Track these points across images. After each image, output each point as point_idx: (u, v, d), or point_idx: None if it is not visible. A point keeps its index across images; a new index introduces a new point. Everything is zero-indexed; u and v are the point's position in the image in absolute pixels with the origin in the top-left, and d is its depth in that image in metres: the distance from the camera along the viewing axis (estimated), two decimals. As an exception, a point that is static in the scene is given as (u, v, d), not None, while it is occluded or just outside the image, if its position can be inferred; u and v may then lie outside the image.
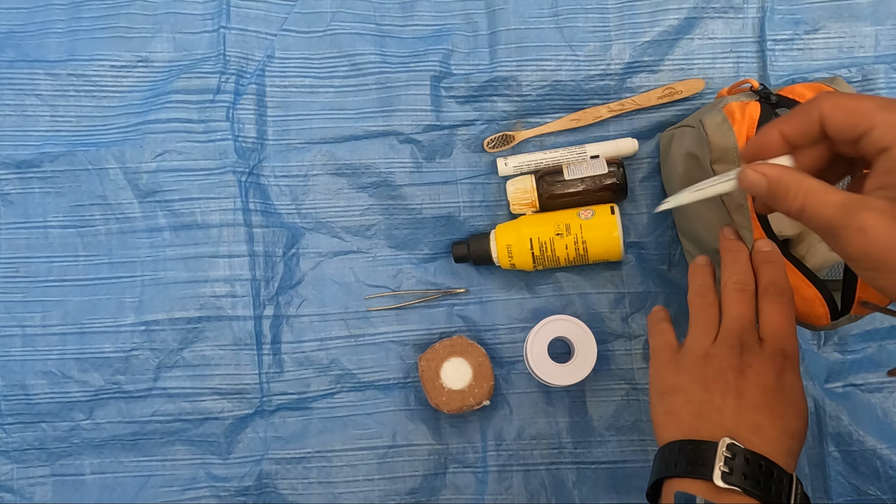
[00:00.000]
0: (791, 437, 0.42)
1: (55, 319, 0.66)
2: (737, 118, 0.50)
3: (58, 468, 0.65)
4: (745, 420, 0.42)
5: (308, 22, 0.68)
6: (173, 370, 0.65)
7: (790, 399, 0.43)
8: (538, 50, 0.67)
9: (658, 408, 0.46)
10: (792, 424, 0.43)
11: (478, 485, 0.64)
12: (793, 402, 0.43)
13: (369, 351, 0.66)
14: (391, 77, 0.67)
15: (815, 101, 0.38)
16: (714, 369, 0.44)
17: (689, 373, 0.45)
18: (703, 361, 0.45)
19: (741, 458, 0.40)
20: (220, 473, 0.65)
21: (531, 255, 0.63)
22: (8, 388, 0.65)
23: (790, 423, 0.43)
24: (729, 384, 0.43)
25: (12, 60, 0.68)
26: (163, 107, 0.67)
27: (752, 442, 0.41)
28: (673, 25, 0.67)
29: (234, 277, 0.66)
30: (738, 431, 0.42)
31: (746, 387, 0.43)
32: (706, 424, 0.43)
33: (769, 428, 0.42)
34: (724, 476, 0.40)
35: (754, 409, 0.42)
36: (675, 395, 0.45)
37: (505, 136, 0.67)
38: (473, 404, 0.62)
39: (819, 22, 0.67)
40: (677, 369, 0.46)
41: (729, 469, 0.40)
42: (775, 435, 0.42)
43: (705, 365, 0.45)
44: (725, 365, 0.44)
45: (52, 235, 0.67)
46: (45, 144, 0.67)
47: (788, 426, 0.42)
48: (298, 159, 0.67)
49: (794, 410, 0.43)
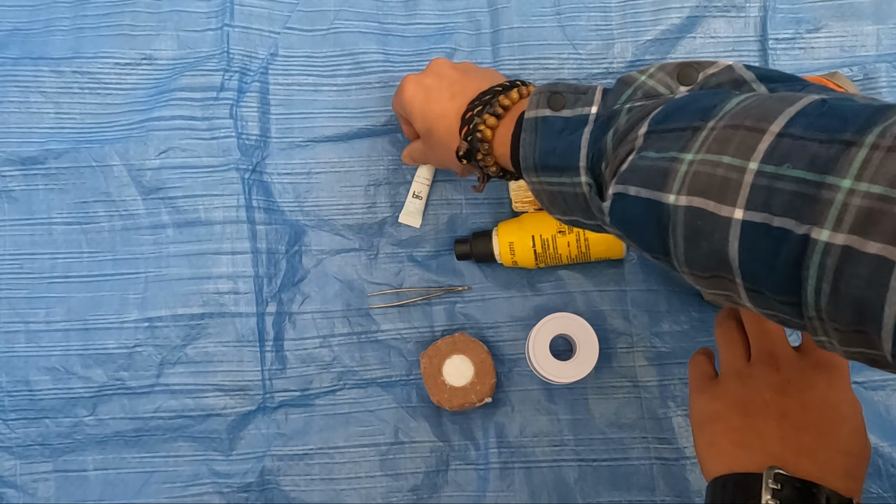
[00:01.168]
0: (846, 455, 0.39)
1: (59, 316, 0.66)
2: None
3: (61, 464, 0.65)
4: (789, 443, 0.39)
5: (311, 20, 0.69)
6: (176, 367, 0.66)
7: (840, 413, 0.40)
8: (540, 48, 0.67)
9: (699, 440, 0.43)
10: (845, 441, 0.39)
11: (480, 482, 0.64)
12: (843, 417, 0.40)
13: (371, 348, 0.66)
14: (394, 76, 0.68)
15: None
16: (750, 391, 0.41)
17: (724, 398, 0.42)
18: (739, 384, 0.42)
19: (790, 488, 0.37)
20: (223, 470, 0.65)
21: (533, 252, 0.63)
22: (11, 384, 0.65)
23: (842, 439, 0.39)
24: (768, 405, 0.40)
25: (17, 58, 0.68)
26: (167, 104, 0.67)
27: (801, 466, 0.38)
28: (675, 24, 0.67)
29: (237, 274, 0.66)
30: (784, 456, 0.38)
31: (788, 405, 0.40)
32: (749, 453, 0.39)
33: (818, 448, 0.39)
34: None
35: (799, 428, 0.39)
36: (714, 424, 0.42)
37: (507, 134, 0.67)
38: (475, 401, 0.62)
39: (821, 21, 0.67)
40: (713, 396, 0.43)
41: (778, 501, 0.37)
42: (826, 455, 0.38)
43: (742, 387, 0.42)
44: (762, 384, 0.41)
45: (56, 232, 0.67)
46: (49, 141, 0.67)
47: (840, 443, 0.39)
48: (301, 157, 0.68)
49: (847, 425, 0.40)
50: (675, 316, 0.65)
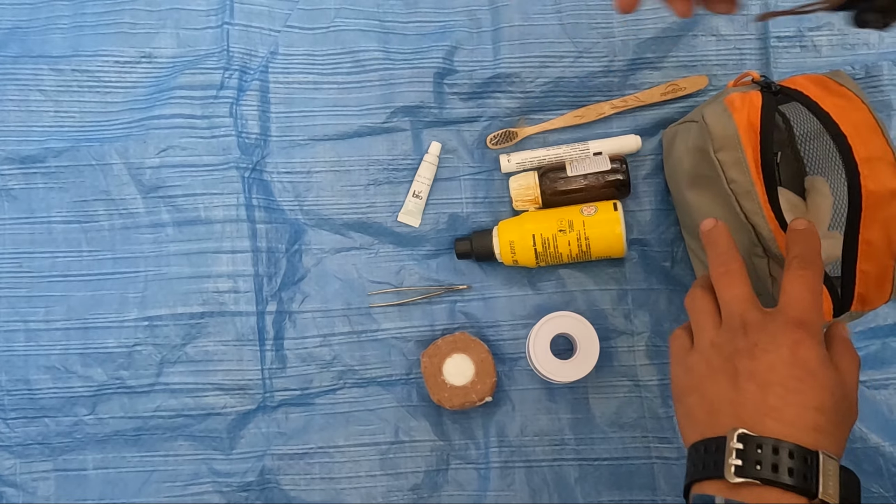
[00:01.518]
0: (816, 410, 0.38)
1: (58, 315, 0.66)
2: (737, 106, 0.50)
3: (60, 463, 0.65)
4: (757, 405, 0.39)
5: (311, 18, 0.69)
6: (176, 366, 0.65)
7: (807, 369, 0.39)
8: (541, 46, 0.67)
9: (678, 412, 0.44)
10: (812, 397, 0.39)
11: (480, 481, 0.64)
12: (811, 373, 0.39)
13: (372, 347, 0.66)
14: (394, 74, 0.67)
15: None
16: (721, 358, 0.42)
17: (697, 368, 0.43)
18: (710, 353, 0.43)
19: (752, 447, 0.37)
20: (223, 469, 0.65)
21: (534, 251, 0.63)
22: (11, 383, 0.65)
23: (809, 395, 0.39)
24: (737, 370, 0.40)
25: (17, 56, 0.68)
26: (166, 103, 0.67)
27: (766, 426, 0.38)
28: (676, 22, 0.67)
29: (237, 273, 0.66)
30: (751, 418, 0.39)
31: (756, 367, 0.40)
32: (721, 418, 0.40)
33: (784, 406, 0.39)
34: (737, 470, 0.37)
35: (765, 388, 0.39)
36: (690, 396, 0.43)
37: (508, 133, 0.67)
38: (476, 401, 0.62)
39: (823, 19, 0.67)
40: (688, 369, 0.44)
41: (741, 461, 0.37)
42: (793, 412, 0.38)
43: (713, 356, 0.42)
44: (731, 350, 0.41)
45: (56, 231, 0.67)
46: (48, 140, 0.67)
47: (807, 399, 0.39)
48: (301, 156, 0.67)
49: (814, 380, 0.39)
50: (676, 315, 0.65)
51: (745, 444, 0.38)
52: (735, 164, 0.50)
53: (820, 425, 0.38)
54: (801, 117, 0.59)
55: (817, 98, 0.49)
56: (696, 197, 0.56)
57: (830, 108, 0.48)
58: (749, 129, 0.50)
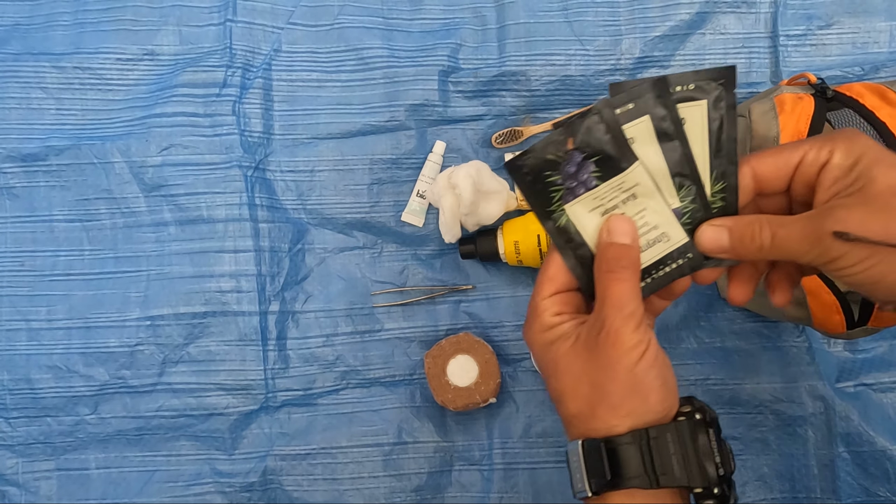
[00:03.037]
0: (553, 397, 0.39)
1: (60, 314, 0.66)
2: (786, 109, 0.49)
3: (63, 462, 0.65)
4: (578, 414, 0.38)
5: (315, 15, 0.68)
6: (178, 365, 0.65)
7: (553, 368, 0.38)
8: (547, 44, 0.66)
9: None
10: (556, 390, 0.38)
11: (484, 482, 0.64)
12: (551, 372, 0.39)
13: (375, 347, 0.66)
14: (399, 71, 0.67)
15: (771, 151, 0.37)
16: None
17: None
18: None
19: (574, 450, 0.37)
20: (225, 469, 0.65)
21: (538, 251, 0.62)
22: (13, 383, 0.65)
23: (551, 385, 0.38)
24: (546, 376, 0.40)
25: (18, 53, 0.67)
26: (168, 100, 0.66)
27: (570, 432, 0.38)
28: (684, 20, 0.66)
29: (239, 273, 0.65)
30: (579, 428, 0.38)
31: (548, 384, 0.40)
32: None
33: (557, 407, 0.39)
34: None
35: (559, 402, 0.39)
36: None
37: (513, 132, 0.66)
38: (479, 402, 0.62)
39: (832, 17, 0.66)
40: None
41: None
42: (563, 411, 0.38)
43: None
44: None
45: (58, 229, 0.67)
46: (50, 138, 0.67)
47: (551, 389, 0.39)
48: (305, 154, 0.67)
49: (548, 374, 0.39)
50: (682, 314, 0.65)
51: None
52: None
53: (565, 416, 0.38)
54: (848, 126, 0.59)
55: (874, 107, 0.48)
56: None
57: (887, 118, 0.47)
58: (793, 136, 0.49)
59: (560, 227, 0.38)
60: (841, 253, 0.33)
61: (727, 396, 0.64)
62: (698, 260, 0.38)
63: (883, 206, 0.33)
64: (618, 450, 0.35)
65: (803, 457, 0.63)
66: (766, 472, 0.63)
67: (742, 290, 0.40)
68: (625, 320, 0.36)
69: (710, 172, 0.37)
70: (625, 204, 0.37)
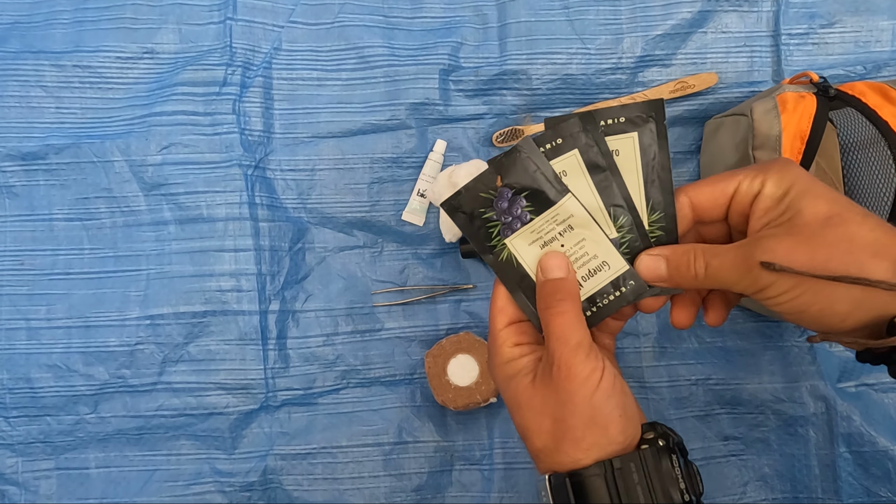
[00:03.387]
0: (519, 433, 0.39)
1: (60, 313, 0.66)
2: (788, 108, 0.49)
3: (62, 462, 0.65)
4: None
5: (315, 14, 0.68)
6: (178, 364, 0.65)
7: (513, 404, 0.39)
8: (549, 43, 0.66)
9: None
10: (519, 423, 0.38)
11: (484, 482, 0.64)
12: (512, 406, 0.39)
13: (375, 347, 0.66)
14: (399, 70, 0.67)
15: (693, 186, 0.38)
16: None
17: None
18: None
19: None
20: (225, 469, 0.64)
21: (540, 251, 0.62)
22: (13, 382, 0.65)
23: (515, 420, 0.38)
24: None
25: (17, 51, 0.67)
26: (168, 99, 0.66)
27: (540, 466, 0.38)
28: (686, 19, 0.66)
29: (239, 272, 0.65)
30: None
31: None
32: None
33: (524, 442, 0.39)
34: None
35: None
36: None
37: (514, 131, 0.66)
38: (480, 401, 0.62)
39: (835, 16, 0.66)
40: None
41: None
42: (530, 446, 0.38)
43: None
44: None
45: (58, 228, 0.66)
46: (50, 136, 0.66)
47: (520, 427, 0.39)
48: (305, 153, 0.67)
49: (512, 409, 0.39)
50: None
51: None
52: None
53: (531, 448, 0.38)
54: (850, 125, 0.58)
55: (876, 106, 0.48)
56: None
57: (889, 117, 0.47)
58: (795, 135, 0.49)
59: (502, 261, 0.39)
60: (769, 283, 0.34)
61: (728, 396, 0.64)
62: (641, 288, 0.39)
63: (809, 236, 0.33)
64: (584, 482, 0.35)
65: (804, 457, 0.63)
66: (767, 472, 0.63)
67: (684, 315, 0.40)
68: (573, 352, 0.36)
69: (645, 202, 0.38)
70: (562, 235, 0.38)
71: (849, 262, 0.32)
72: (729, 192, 0.37)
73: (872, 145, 0.56)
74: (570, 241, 0.39)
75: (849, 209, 0.34)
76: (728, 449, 0.64)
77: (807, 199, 0.34)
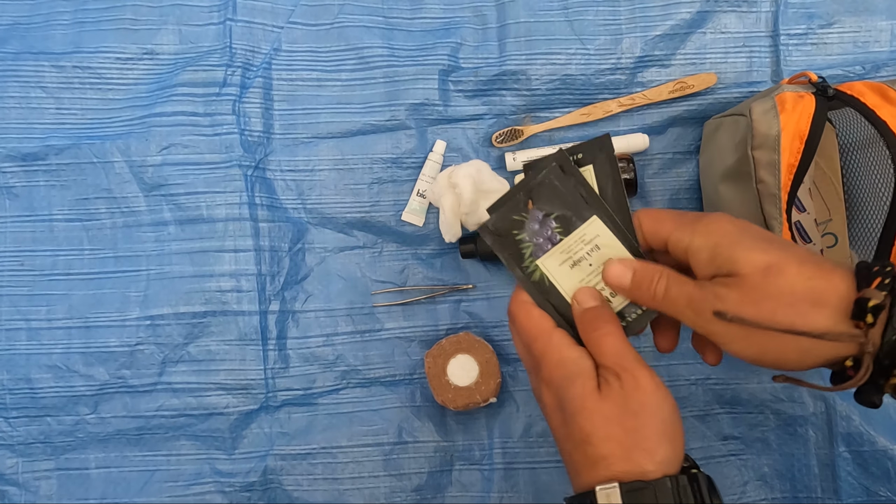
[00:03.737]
0: (563, 445, 0.39)
1: (60, 313, 0.66)
2: (787, 108, 0.49)
3: (63, 462, 0.65)
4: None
5: (315, 14, 0.68)
6: (178, 365, 0.65)
7: (556, 415, 0.40)
8: (548, 43, 0.66)
9: None
10: (577, 424, 0.38)
11: (484, 482, 0.64)
12: (553, 415, 0.40)
13: (375, 347, 0.66)
14: (399, 71, 0.67)
15: (640, 212, 0.41)
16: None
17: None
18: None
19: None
20: (225, 469, 0.64)
21: (539, 251, 0.62)
22: (13, 382, 0.65)
23: (576, 423, 0.38)
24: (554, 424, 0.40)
25: (17, 52, 0.67)
26: (168, 100, 0.66)
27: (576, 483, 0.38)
28: (685, 19, 0.66)
29: (239, 272, 0.65)
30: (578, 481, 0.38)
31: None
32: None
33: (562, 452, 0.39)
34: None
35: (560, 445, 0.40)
36: None
37: (513, 131, 0.66)
38: (480, 401, 0.62)
39: (833, 16, 0.66)
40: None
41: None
42: (568, 459, 0.39)
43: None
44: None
45: (58, 229, 0.66)
46: (50, 137, 0.67)
47: (564, 439, 0.39)
48: (305, 153, 0.67)
49: (573, 412, 0.39)
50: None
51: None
52: (768, 165, 0.50)
53: (570, 461, 0.39)
54: (849, 125, 0.58)
55: (874, 106, 0.48)
56: (729, 191, 0.56)
57: (888, 117, 0.47)
58: (794, 135, 0.49)
59: (535, 280, 0.42)
60: (721, 329, 0.35)
61: (728, 396, 0.64)
62: None
63: (752, 288, 0.34)
64: (658, 493, 0.35)
65: (804, 456, 0.63)
66: (767, 471, 0.63)
67: (665, 339, 0.42)
68: (636, 365, 0.37)
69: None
70: (590, 255, 0.41)
71: (792, 315, 0.33)
72: (663, 235, 0.39)
73: (871, 145, 0.56)
74: (597, 260, 0.41)
75: (785, 256, 0.34)
76: (728, 448, 0.64)
77: (739, 252, 0.35)
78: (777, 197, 0.49)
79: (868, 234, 0.58)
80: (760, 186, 0.50)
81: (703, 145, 0.64)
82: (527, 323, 0.41)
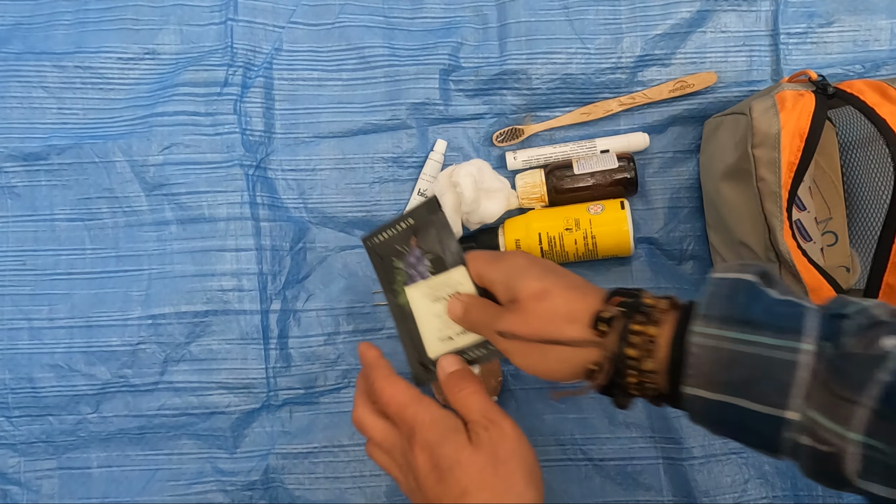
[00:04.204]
0: (450, 492, 0.41)
1: (62, 313, 0.66)
2: (787, 106, 0.50)
3: (64, 461, 0.65)
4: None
5: (316, 14, 0.68)
6: (180, 364, 0.65)
7: (443, 453, 0.42)
8: (548, 43, 0.66)
9: None
10: (455, 477, 0.41)
11: (485, 481, 0.64)
12: (444, 458, 0.42)
13: (376, 346, 0.65)
14: (400, 70, 0.67)
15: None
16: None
17: None
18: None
19: None
20: (227, 468, 0.65)
21: (540, 249, 0.62)
22: (15, 381, 0.65)
23: (454, 476, 0.41)
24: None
25: (19, 52, 0.68)
26: (170, 99, 0.66)
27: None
28: (685, 18, 0.66)
29: (241, 271, 0.65)
30: None
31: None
32: None
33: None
34: None
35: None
36: None
37: (514, 130, 0.67)
38: (481, 400, 0.62)
39: (833, 15, 0.66)
40: None
41: None
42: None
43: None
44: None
45: (59, 228, 0.67)
46: (52, 137, 0.67)
47: (452, 481, 0.41)
48: (306, 153, 0.67)
49: (449, 466, 0.42)
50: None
51: None
52: (769, 163, 0.50)
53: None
54: (849, 123, 0.58)
55: (874, 104, 0.48)
56: (729, 190, 0.56)
57: (887, 115, 0.48)
58: (794, 133, 0.49)
59: (399, 303, 0.48)
60: (505, 345, 0.42)
61: (729, 394, 0.64)
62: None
63: (525, 310, 0.41)
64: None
65: (805, 455, 0.63)
66: (768, 469, 0.63)
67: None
68: (500, 416, 0.42)
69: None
70: (449, 298, 0.46)
71: (553, 330, 0.40)
72: (478, 273, 0.45)
73: (871, 143, 0.57)
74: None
75: (555, 283, 0.41)
76: (728, 447, 0.64)
77: (522, 281, 0.42)
78: (777, 195, 0.49)
79: (868, 232, 0.58)
80: (761, 185, 0.50)
81: (704, 144, 0.64)
82: (395, 392, 0.44)
